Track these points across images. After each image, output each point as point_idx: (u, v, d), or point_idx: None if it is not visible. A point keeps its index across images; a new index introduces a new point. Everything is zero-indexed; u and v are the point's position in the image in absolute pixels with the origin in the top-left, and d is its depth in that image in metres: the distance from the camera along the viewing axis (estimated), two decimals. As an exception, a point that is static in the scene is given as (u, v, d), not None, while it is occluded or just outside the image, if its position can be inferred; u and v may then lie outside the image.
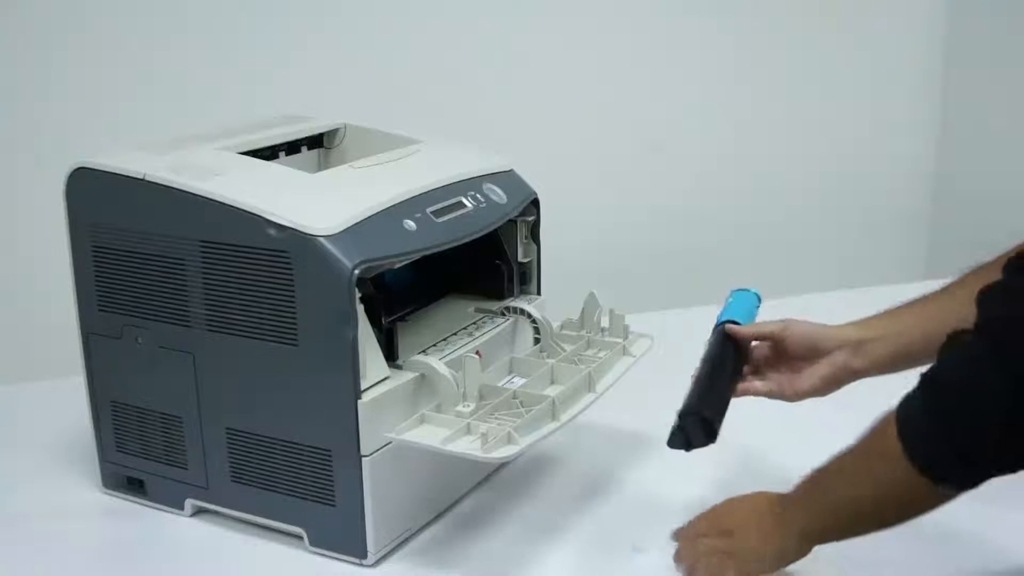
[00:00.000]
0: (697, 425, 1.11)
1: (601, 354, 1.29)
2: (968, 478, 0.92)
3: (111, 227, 1.22)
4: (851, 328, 1.19)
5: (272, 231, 1.10)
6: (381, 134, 1.44)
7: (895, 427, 0.94)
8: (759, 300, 1.28)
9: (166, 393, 1.23)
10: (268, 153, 1.37)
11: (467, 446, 1.10)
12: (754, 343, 1.23)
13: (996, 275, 1.07)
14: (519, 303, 1.35)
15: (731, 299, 1.27)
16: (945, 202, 2.60)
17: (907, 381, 0.95)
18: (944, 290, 1.16)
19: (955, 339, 0.93)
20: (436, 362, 1.18)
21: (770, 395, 1.20)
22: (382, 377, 1.15)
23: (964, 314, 1.02)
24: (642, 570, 1.16)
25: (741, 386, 1.20)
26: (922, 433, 0.92)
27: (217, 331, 1.17)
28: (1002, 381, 0.87)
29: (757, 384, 1.20)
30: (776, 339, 1.21)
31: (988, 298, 0.92)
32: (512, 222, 1.35)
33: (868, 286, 1.92)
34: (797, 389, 1.18)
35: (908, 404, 0.94)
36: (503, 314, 1.35)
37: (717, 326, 1.23)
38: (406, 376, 1.17)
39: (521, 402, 1.18)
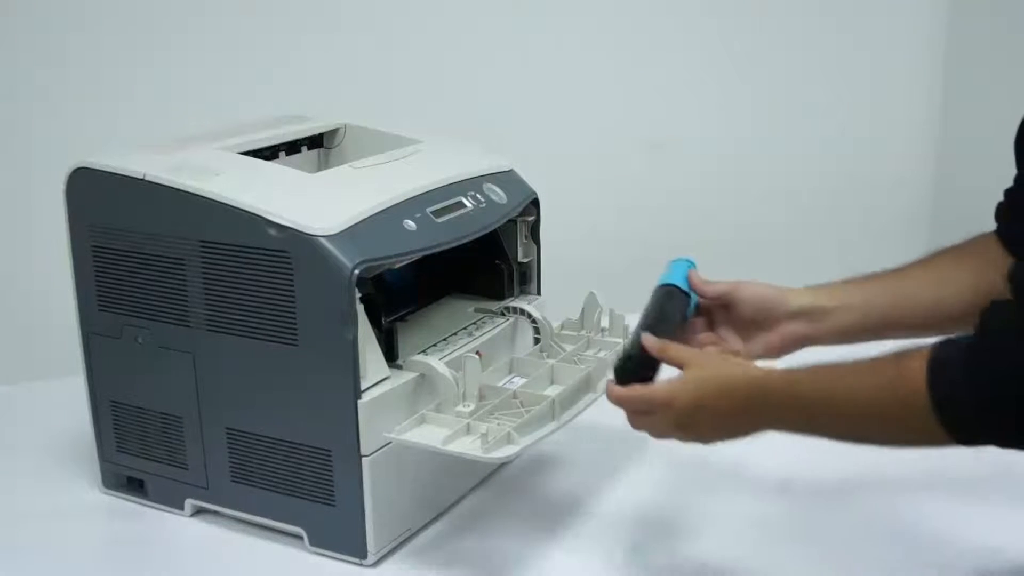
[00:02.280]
0: (643, 361, 1.08)
1: (601, 354, 1.29)
2: (977, 444, 0.92)
3: (111, 227, 1.22)
4: (808, 293, 1.15)
5: (272, 231, 1.10)
6: (381, 134, 1.44)
7: (925, 379, 0.90)
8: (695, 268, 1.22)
9: (166, 393, 1.24)
10: (268, 153, 1.37)
11: (467, 446, 1.10)
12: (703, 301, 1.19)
13: (970, 258, 1.07)
14: (519, 303, 1.35)
15: (672, 266, 1.22)
16: (945, 202, 2.60)
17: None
18: (910, 268, 1.13)
19: (998, 310, 0.90)
20: (436, 362, 1.18)
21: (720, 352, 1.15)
22: (382, 377, 1.15)
23: (938, 294, 1.01)
24: (641, 570, 1.16)
25: (690, 338, 1.15)
26: (951, 390, 0.89)
27: (217, 331, 1.17)
28: None
29: (708, 336, 1.15)
30: (726, 300, 1.16)
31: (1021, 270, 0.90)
32: (512, 222, 1.35)
33: (868, 286, 1.92)
34: (747, 353, 1.14)
35: (947, 355, 0.91)
36: (503, 314, 1.35)
37: (658, 288, 1.18)
38: (406, 376, 1.17)
39: (521, 402, 1.18)
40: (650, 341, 1.09)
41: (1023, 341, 0.87)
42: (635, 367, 1.09)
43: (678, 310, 1.16)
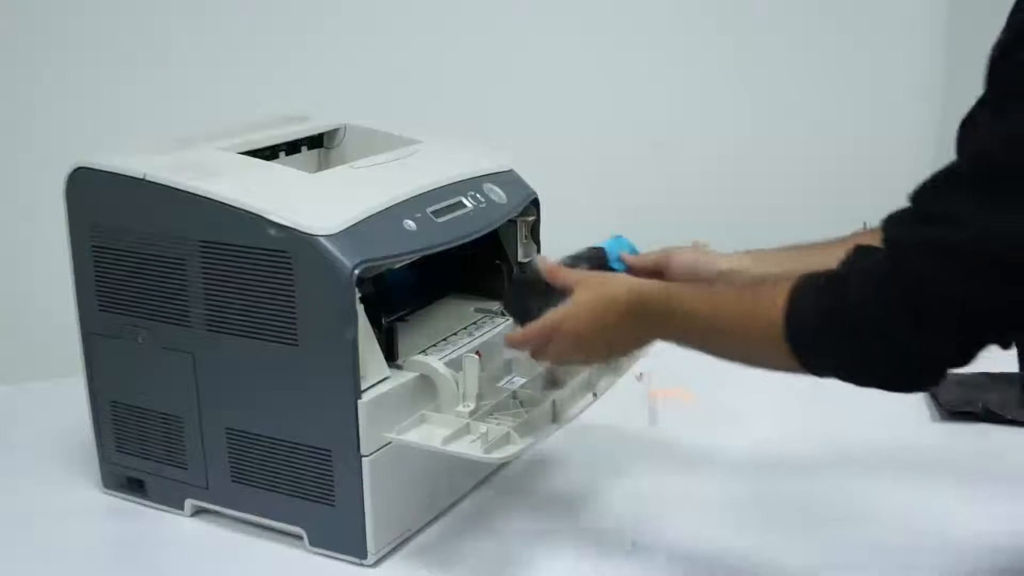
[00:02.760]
0: (530, 283, 1.15)
1: (601, 354, 1.29)
2: (815, 369, 0.96)
3: (111, 227, 1.22)
4: (736, 257, 1.21)
5: (272, 231, 1.10)
6: (381, 134, 1.44)
7: (784, 312, 0.94)
8: (633, 249, 1.27)
9: (166, 393, 1.23)
10: (268, 153, 1.37)
11: (467, 446, 1.10)
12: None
13: None
14: (519, 303, 1.35)
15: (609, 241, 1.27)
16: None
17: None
18: (843, 241, 1.16)
19: (864, 254, 0.93)
20: (436, 362, 1.18)
21: None
22: (382, 377, 1.15)
23: None
24: (641, 570, 1.16)
25: None
26: (801, 316, 0.94)
27: (217, 331, 1.17)
28: (901, 314, 0.88)
29: None
30: (659, 268, 1.21)
31: (895, 221, 0.92)
32: (512, 222, 1.35)
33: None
34: None
35: (806, 284, 0.95)
36: (503, 314, 1.35)
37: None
38: (406, 376, 1.17)
39: (521, 402, 1.18)
40: (544, 263, 1.15)
41: (873, 283, 0.90)
42: (520, 284, 1.17)
43: (589, 263, 1.20)
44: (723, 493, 1.31)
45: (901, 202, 0.94)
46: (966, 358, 0.90)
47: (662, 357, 1.21)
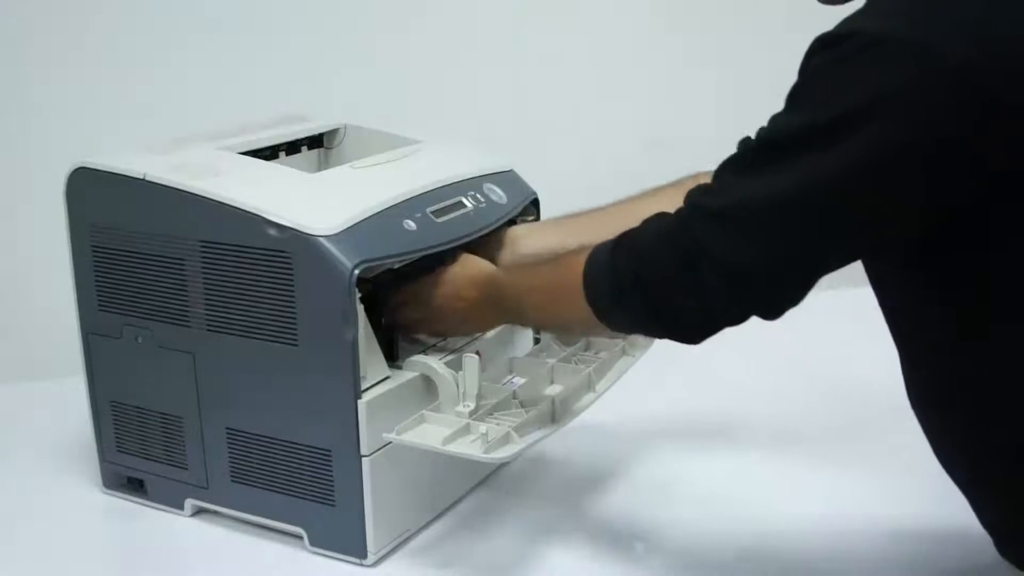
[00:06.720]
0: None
1: (601, 354, 1.29)
2: (615, 326, 1.03)
3: (111, 227, 1.22)
4: (521, 227, 1.32)
5: (272, 231, 1.10)
6: (381, 134, 1.44)
7: (583, 274, 1.02)
8: None
9: (166, 393, 1.24)
10: (268, 153, 1.37)
11: (467, 446, 1.09)
12: None
13: (676, 192, 1.11)
14: (519, 303, 1.35)
15: None
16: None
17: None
18: (624, 202, 1.27)
19: (656, 218, 1.00)
20: (436, 362, 1.18)
21: None
22: (382, 377, 1.15)
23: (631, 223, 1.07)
24: (641, 569, 1.16)
25: None
26: (596, 277, 1.01)
27: (217, 331, 1.17)
28: (678, 273, 0.94)
29: None
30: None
31: (694, 190, 0.98)
32: (512, 222, 1.35)
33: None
34: None
35: (600, 249, 1.02)
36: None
37: None
38: (406, 376, 1.17)
39: (521, 402, 1.18)
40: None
41: (658, 244, 0.96)
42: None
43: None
44: (725, 492, 1.31)
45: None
46: (736, 317, 0.94)
47: (663, 355, 1.21)
